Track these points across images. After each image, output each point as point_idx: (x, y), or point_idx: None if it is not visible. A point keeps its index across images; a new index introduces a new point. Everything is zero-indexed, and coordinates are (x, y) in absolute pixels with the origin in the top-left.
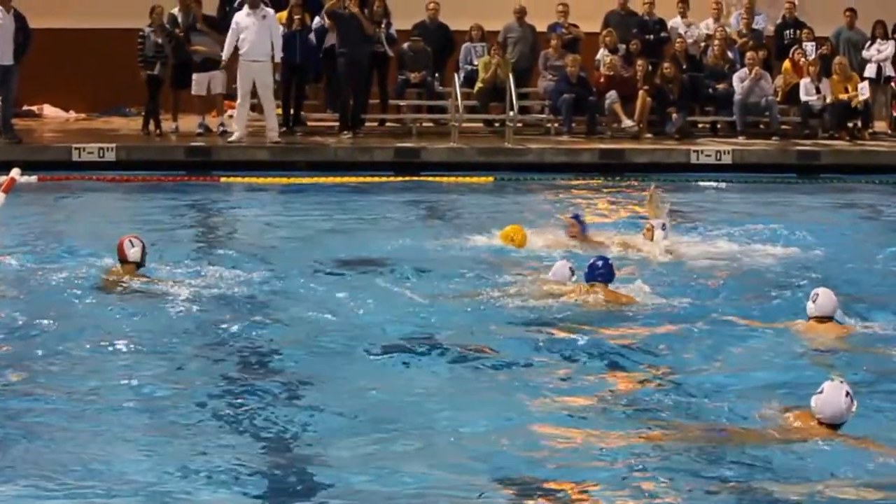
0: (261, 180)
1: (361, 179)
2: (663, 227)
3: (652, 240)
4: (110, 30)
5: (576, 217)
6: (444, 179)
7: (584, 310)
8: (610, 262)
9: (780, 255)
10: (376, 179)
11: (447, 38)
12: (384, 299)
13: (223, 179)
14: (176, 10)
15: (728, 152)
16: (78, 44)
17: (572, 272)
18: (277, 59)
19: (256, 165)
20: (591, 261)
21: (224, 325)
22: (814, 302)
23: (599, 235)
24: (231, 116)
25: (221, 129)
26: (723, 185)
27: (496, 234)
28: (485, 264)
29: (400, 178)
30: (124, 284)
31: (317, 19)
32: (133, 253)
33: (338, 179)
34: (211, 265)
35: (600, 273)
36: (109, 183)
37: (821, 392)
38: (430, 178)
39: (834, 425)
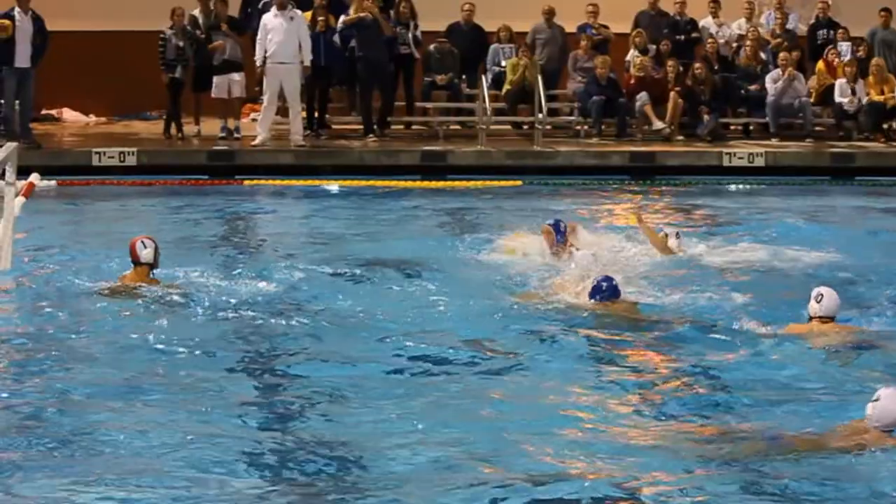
0: (285, 183)
1: (387, 184)
2: (677, 235)
3: (665, 246)
4: (131, 32)
5: (555, 225)
6: (472, 183)
7: (600, 322)
8: (614, 282)
9: (814, 260)
10: (402, 184)
11: (480, 40)
12: (408, 306)
13: (247, 183)
14: (196, 12)
15: (761, 154)
16: (98, 46)
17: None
18: (307, 62)
19: (280, 170)
20: (595, 282)
21: (244, 332)
22: (818, 302)
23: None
24: (254, 120)
25: (236, 135)
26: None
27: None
28: (509, 270)
29: (426, 183)
30: (141, 289)
31: (342, 19)
32: (146, 254)
33: (363, 183)
34: (233, 270)
35: (605, 297)
36: (130, 188)
37: (877, 400)
38: (458, 183)
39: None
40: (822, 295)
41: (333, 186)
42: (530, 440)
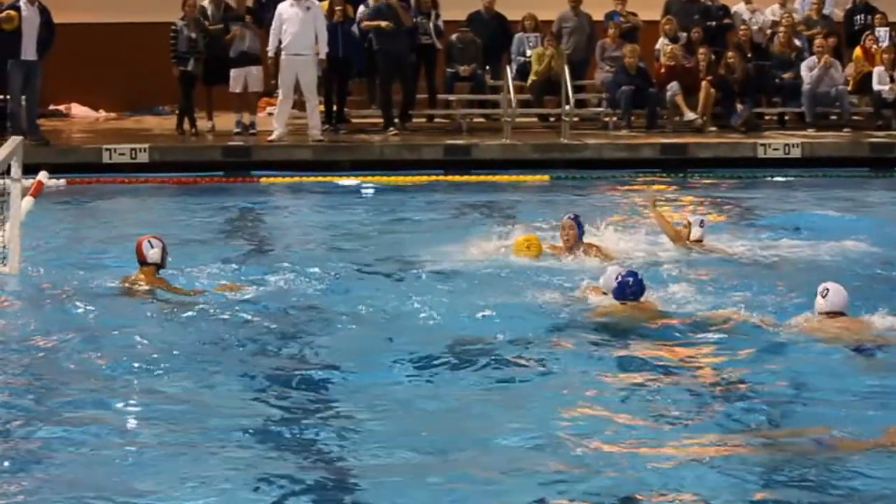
0: (303, 179)
1: (409, 179)
2: (701, 223)
3: (689, 237)
4: (141, 24)
5: (576, 219)
6: (497, 178)
7: (623, 323)
8: (640, 277)
9: (852, 255)
10: (425, 179)
11: (503, 29)
12: (427, 306)
13: (263, 180)
14: (206, 3)
15: (797, 145)
16: (107, 39)
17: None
18: (322, 54)
19: (298, 165)
20: (620, 279)
21: (254, 336)
22: (824, 297)
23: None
24: (270, 114)
25: (251, 130)
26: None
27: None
28: (533, 270)
29: (450, 178)
30: (146, 291)
31: (361, 9)
32: (153, 254)
33: (384, 179)
34: (245, 272)
35: (632, 292)
36: (142, 186)
37: None
38: (482, 177)
39: None
40: (827, 290)
41: (353, 182)
42: (549, 447)
